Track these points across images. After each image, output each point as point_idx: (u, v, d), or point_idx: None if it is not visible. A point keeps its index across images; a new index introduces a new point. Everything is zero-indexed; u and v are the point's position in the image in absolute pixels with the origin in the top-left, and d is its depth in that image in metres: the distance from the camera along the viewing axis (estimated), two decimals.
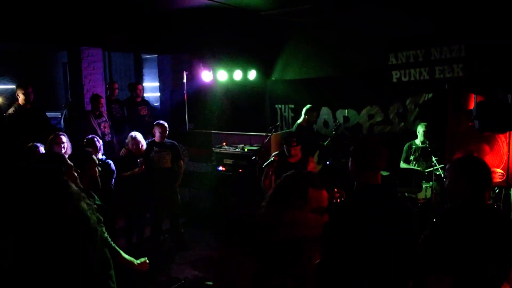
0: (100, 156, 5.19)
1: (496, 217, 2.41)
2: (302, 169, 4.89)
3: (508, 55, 5.95)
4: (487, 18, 6.08)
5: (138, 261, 3.49)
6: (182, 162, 6.41)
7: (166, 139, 6.21)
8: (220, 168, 7.03)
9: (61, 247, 2.28)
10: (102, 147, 5.27)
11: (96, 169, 3.66)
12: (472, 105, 5.18)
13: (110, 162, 5.24)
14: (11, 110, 6.21)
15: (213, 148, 7.19)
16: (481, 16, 6.13)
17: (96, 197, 3.48)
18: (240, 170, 6.78)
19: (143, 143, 5.95)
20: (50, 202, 2.38)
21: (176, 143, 6.36)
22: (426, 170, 6.13)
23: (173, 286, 5.10)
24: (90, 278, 2.41)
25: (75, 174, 2.86)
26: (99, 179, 4.05)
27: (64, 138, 5.04)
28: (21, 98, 6.23)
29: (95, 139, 5.22)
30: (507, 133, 5.05)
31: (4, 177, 4.56)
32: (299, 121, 7.26)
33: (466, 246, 2.29)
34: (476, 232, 2.31)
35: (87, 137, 5.29)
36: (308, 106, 7.22)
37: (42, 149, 4.74)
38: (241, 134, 7.40)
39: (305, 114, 7.18)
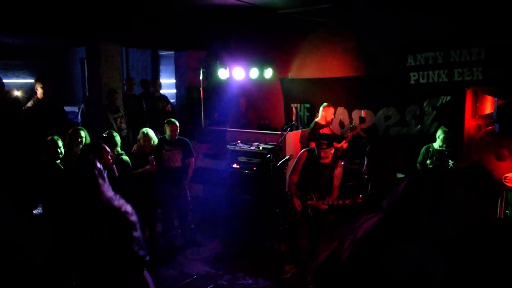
0: (119, 150, 5.24)
1: (503, 236, 2.09)
2: (333, 171, 5.04)
3: None
4: (509, 21, 5.97)
5: None
6: (193, 160, 6.30)
7: (177, 136, 6.17)
8: (234, 165, 7.02)
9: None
10: (119, 142, 5.31)
11: (109, 156, 3.76)
12: (491, 109, 5.09)
13: (127, 158, 5.28)
14: (29, 104, 6.31)
15: (228, 146, 7.19)
16: (502, 19, 6.02)
17: None
18: (254, 168, 6.77)
19: (155, 140, 5.94)
20: (51, 201, 2.44)
21: (187, 140, 6.26)
22: None
23: (184, 282, 5.14)
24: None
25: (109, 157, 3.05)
26: (114, 167, 4.15)
27: (83, 133, 5.11)
28: (39, 92, 6.32)
29: (114, 133, 5.26)
30: None
31: (20, 170, 4.67)
32: (316, 118, 7.22)
33: (467, 269, 2.00)
34: (479, 254, 2.02)
35: (105, 132, 5.34)
36: (325, 103, 7.18)
37: (60, 143, 4.81)
38: (256, 132, 7.38)
39: (323, 111, 7.13)
